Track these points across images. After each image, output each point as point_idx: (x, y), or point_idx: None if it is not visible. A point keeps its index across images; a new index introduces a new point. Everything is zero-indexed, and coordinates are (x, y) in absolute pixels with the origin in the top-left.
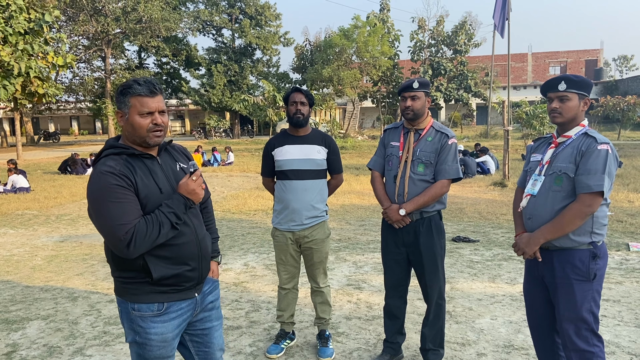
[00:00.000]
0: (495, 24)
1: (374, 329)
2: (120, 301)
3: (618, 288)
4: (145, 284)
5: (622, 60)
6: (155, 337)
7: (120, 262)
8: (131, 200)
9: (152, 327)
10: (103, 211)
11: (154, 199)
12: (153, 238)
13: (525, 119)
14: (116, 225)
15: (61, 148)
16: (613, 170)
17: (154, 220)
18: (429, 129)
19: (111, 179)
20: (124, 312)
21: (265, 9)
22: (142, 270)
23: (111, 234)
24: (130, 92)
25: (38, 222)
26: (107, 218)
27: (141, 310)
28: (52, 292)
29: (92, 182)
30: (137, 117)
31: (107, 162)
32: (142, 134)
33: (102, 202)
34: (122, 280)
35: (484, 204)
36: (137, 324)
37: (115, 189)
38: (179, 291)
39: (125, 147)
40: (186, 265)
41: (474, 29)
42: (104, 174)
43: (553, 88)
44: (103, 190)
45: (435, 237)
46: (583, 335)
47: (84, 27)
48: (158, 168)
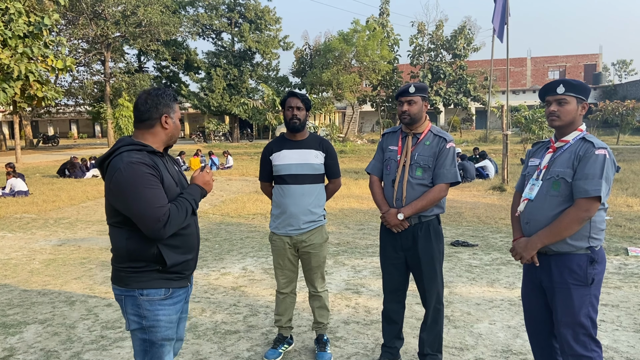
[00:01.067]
0: (495, 28)
1: (372, 333)
2: (124, 291)
3: (617, 293)
4: (154, 272)
5: (621, 64)
6: (164, 318)
7: (135, 252)
8: (161, 188)
9: (160, 310)
10: (141, 196)
11: (172, 190)
12: (181, 220)
13: (524, 124)
14: (155, 207)
15: (60, 151)
16: (611, 175)
17: (182, 204)
18: (427, 133)
19: (144, 168)
20: (128, 300)
21: (264, 13)
22: (154, 260)
23: (151, 215)
24: (175, 100)
25: (36, 225)
26: (145, 202)
27: (150, 294)
28: (50, 296)
29: (125, 171)
30: (177, 121)
31: (132, 155)
32: (178, 134)
33: (139, 188)
34: (131, 269)
35: (483, 208)
36: (145, 308)
37: (149, 177)
38: (180, 279)
39: (144, 144)
40: (190, 255)
41: (473, 34)
42: (136, 163)
43: (551, 91)
44: (139, 177)
45: (434, 241)
46: (581, 340)
47: (83, 31)
48: (168, 165)
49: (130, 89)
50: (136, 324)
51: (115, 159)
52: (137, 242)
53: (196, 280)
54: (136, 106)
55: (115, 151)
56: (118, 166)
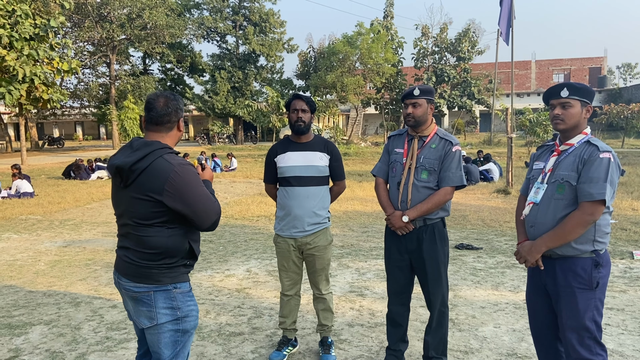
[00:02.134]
0: (501, 31)
1: (377, 336)
2: (155, 287)
3: (622, 297)
4: (182, 267)
5: (626, 68)
6: (194, 307)
7: (174, 249)
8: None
9: (190, 300)
10: (201, 193)
11: None
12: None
13: (529, 127)
14: (213, 202)
15: (65, 153)
16: (615, 179)
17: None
18: (433, 136)
19: (193, 169)
20: (159, 295)
21: (269, 16)
22: (186, 254)
23: (213, 209)
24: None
25: (42, 227)
26: (206, 198)
27: (182, 287)
28: (55, 297)
29: (181, 172)
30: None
31: (175, 157)
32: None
33: (197, 187)
34: (165, 266)
35: (488, 212)
36: (179, 300)
37: (198, 176)
38: (190, 272)
39: (172, 149)
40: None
41: (477, 37)
42: (186, 165)
43: (555, 95)
44: (193, 176)
45: (439, 244)
46: (586, 344)
47: (89, 34)
48: None
49: (135, 92)
50: (169, 317)
51: (159, 161)
52: (177, 239)
53: (200, 282)
54: (155, 109)
55: (149, 154)
56: (170, 168)
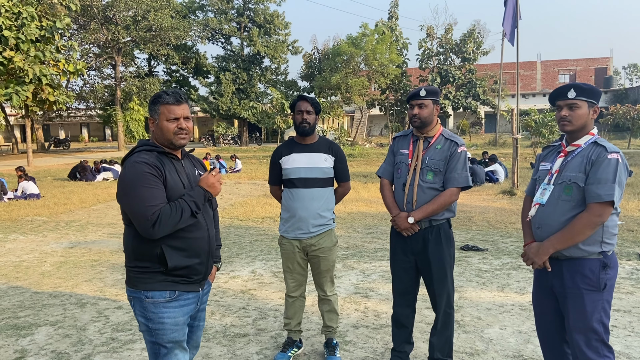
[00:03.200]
0: (505, 32)
1: (382, 337)
2: (133, 292)
3: (629, 298)
4: (159, 274)
5: (632, 68)
6: (169, 321)
7: (139, 251)
8: (160, 188)
9: (164, 312)
10: (135, 194)
11: (178, 191)
12: (175, 221)
13: (534, 127)
14: (145, 206)
15: (71, 155)
16: (623, 180)
17: (177, 205)
18: (438, 137)
19: (145, 167)
20: (136, 303)
21: (274, 17)
22: (158, 260)
23: (140, 213)
24: (160, 101)
25: (47, 228)
26: (138, 200)
27: (154, 297)
28: (61, 298)
29: (127, 169)
30: (165, 122)
31: (141, 155)
32: (169, 137)
33: (135, 186)
34: (137, 270)
35: (493, 213)
36: (150, 310)
37: (147, 176)
38: (187, 283)
39: (156, 145)
40: (197, 259)
41: (482, 37)
42: (139, 163)
43: (562, 96)
44: (137, 176)
45: (444, 245)
46: (593, 346)
47: (94, 35)
48: (181, 169)
49: (140, 93)
50: (144, 326)
51: (129, 158)
52: (141, 241)
53: None
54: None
55: (132, 151)
56: (125, 165)
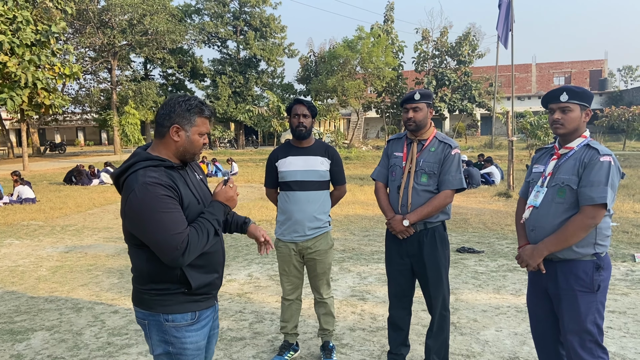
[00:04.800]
0: (499, 35)
1: (378, 340)
2: (147, 314)
3: (624, 299)
4: (180, 295)
5: (626, 70)
6: (191, 346)
7: (157, 273)
8: (180, 210)
9: (187, 337)
10: (157, 222)
11: (194, 208)
12: (202, 245)
13: (530, 130)
14: (172, 235)
15: (67, 159)
16: (616, 182)
17: (202, 227)
18: (432, 140)
19: (160, 190)
20: (153, 326)
21: (270, 21)
22: (179, 281)
23: (167, 243)
24: (198, 112)
25: (43, 232)
26: (162, 229)
27: (176, 320)
28: (57, 302)
29: (140, 193)
30: (197, 136)
31: (148, 173)
32: (195, 151)
33: (154, 213)
34: (154, 292)
35: (489, 215)
36: (172, 334)
37: (165, 199)
38: (207, 299)
39: (162, 159)
40: (216, 273)
41: (477, 40)
42: (152, 185)
43: (555, 99)
44: (154, 201)
45: (439, 247)
46: (587, 347)
47: (90, 39)
48: (189, 179)
49: (136, 97)
50: (161, 349)
51: (131, 177)
52: (158, 264)
53: None
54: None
55: (131, 167)
56: (133, 187)
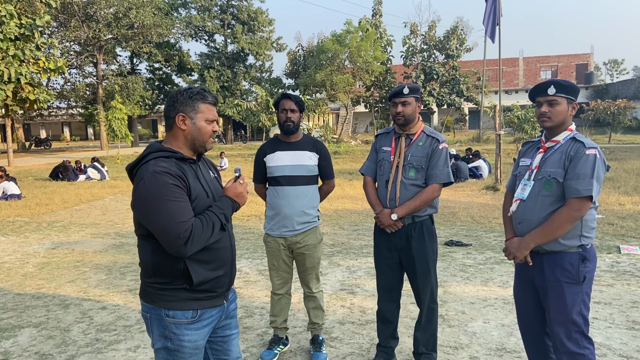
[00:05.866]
0: (486, 29)
1: (368, 333)
2: (150, 307)
3: (609, 290)
4: (182, 290)
5: (612, 64)
6: (189, 345)
7: (161, 266)
8: (186, 201)
9: (186, 335)
10: (162, 210)
11: (202, 200)
12: (207, 237)
13: (517, 123)
14: (176, 223)
15: (52, 154)
16: (601, 175)
17: (208, 219)
18: (420, 134)
19: (168, 179)
20: (154, 319)
21: (257, 14)
22: (182, 276)
23: (170, 231)
24: (200, 98)
25: (29, 229)
26: (166, 216)
27: (176, 317)
28: (44, 299)
29: (148, 181)
30: (203, 123)
31: (159, 163)
32: (205, 139)
33: (160, 201)
34: (157, 286)
35: (477, 208)
36: (171, 330)
37: (172, 188)
38: (211, 298)
39: (173, 151)
40: (221, 270)
41: (465, 34)
42: (160, 173)
43: (542, 92)
44: (161, 189)
45: (427, 241)
46: (573, 338)
47: (75, 33)
48: (200, 174)
49: (123, 92)
50: (160, 344)
51: (142, 167)
52: (162, 256)
53: None
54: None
55: (143, 158)
56: (142, 176)
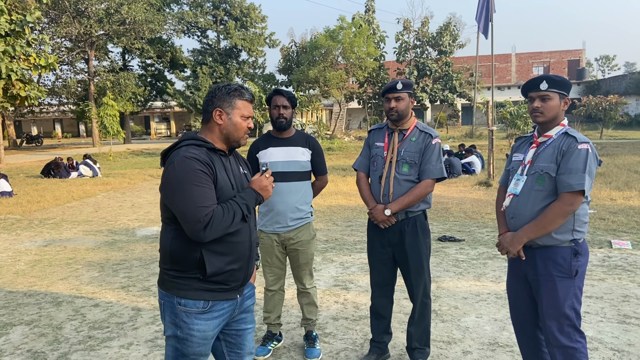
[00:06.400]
0: (479, 25)
1: (361, 328)
2: (164, 294)
3: (601, 285)
4: (195, 280)
5: (604, 60)
6: (198, 334)
7: (178, 254)
8: (211, 187)
9: (195, 324)
10: (186, 193)
11: (227, 191)
12: (226, 225)
13: (510, 119)
14: (197, 207)
15: (44, 151)
16: (593, 169)
17: (229, 208)
18: (412, 129)
19: (196, 164)
20: (166, 306)
21: (250, 10)
22: (197, 265)
23: (192, 214)
24: (238, 95)
25: (21, 226)
26: (189, 199)
27: (187, 305)
28: (36, 297)
29: (177, 165)
30: (239, 119)
31: (190, 149)
32: (240, 135)
33: (185, 184)
34: (172, 273)
35: (470, 204)
36: (182, 319)
37: (199, 174)
38: (224, 290)
39: (206, 141)
40: (236, 264)
41: (458, 30)
42: (189, 159)
43: (535, 87)
44: (188, 173)
45: (421, 236)
46: (565, 332)
47: (66, 29)
48: (229, 166)
49: (114, 88)
50: (171, 332)
51: (174, 152)
52: (181, 243)
53: None
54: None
55: (177, 144)
56: (173, 160)
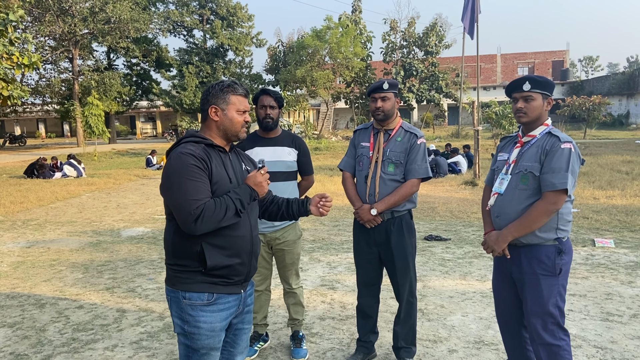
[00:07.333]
0: (465, 25)
1: (348, 328)
2: (171, 291)
3: (584, 283)
4: (198, 274)
5: (587, 61)
6: (205, 326)
7: (179, 248)
8: (205, 182)
9: (201, 316)
10: (180, 187)
11: (223, 186)
12: (218, 218)
13: (495, 119)
14: (189, 199)
15: (27, 152)
16: (576, 168)
17: (222, 202)
18: (398, 129)
19: (190, 160)
20: (173, 302)
21: (237, 9)
22: (197, 259)
23: (183, 207)
24: (231, 90)
25: (3, 227)
26: (182, 193)
27: (192, 299)
28: (19, 299)
29: (173, 160)
30: (235, 114)
31: (187, 146)
32: (237, 129)
33: (179, 178)
34: (176, 268)
35: (456, 203)
36: (187, 312)
37: (193, 169)
38: (227, 284)
39: (204, 137)
40: (237, 258)
41: (444, 31)
42: (185, 154)
43: (518, 88)
44: (182, 168)
45: (406, 235)
46: (550, 329)
47: (50, 28)
48: (229, 162)
49: (99, 87)
50: (179, 328)
51: (174, 149)
52: (182, 237)
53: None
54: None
55: (179, 142)
56: (171, 156)
